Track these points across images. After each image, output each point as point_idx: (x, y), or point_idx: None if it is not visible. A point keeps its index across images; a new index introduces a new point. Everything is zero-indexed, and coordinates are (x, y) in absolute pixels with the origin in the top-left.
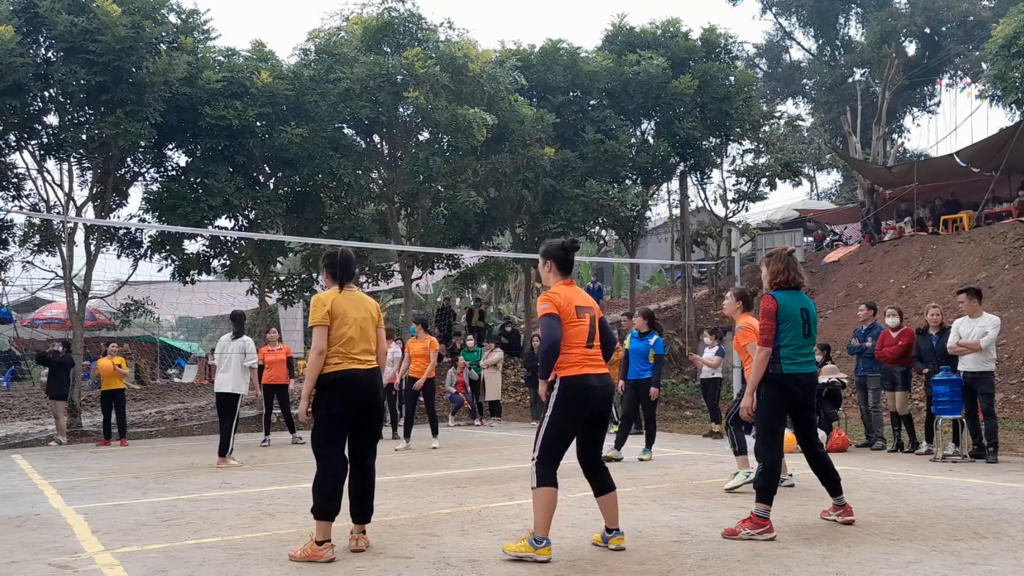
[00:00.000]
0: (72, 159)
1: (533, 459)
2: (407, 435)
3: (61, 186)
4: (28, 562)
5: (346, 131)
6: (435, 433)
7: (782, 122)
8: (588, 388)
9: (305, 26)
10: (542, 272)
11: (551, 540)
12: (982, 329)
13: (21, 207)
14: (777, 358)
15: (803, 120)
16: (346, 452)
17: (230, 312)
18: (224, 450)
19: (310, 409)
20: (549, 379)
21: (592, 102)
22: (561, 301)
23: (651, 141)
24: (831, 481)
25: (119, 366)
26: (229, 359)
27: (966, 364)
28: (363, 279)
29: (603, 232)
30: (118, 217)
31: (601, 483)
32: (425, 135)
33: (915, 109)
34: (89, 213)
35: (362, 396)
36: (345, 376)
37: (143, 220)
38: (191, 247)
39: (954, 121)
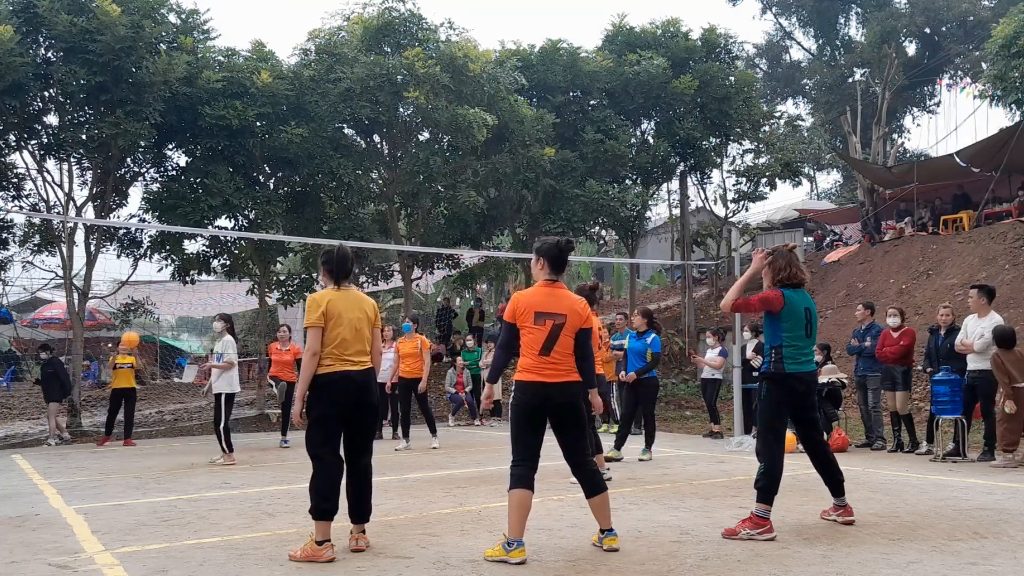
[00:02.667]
0: (72, 159)
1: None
2: (406, 435)
3: (61, 186)
4: (28, 562)
5: (346, 131)
6: (433, 432)
7: (782, 122)
8: (536, 391)
9: (305, 26)
10: (533, 268)
11: (524, 541)
12: (981, 331)
13: (21, 207)
14: (780, 357)
15: (803, 120)
16: (342, 452)
17: (218, 314)
18: (230, 447)
19: (304, 411)
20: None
21: (592, 102)
22: (519, 307)
23: (651, 141)
24: (835, 481)
25: (131, 365)
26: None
27: (970, 363)
28: (363, 279)
29: (603, 232)
30: (118, 217)
31: (591, 485)
32: (425, 135)
33: (915, 109)
34: (89, 213)
35: (355, 396)
36: (338, 378)
37: (143, 220)
38: (191, 247)
39: (954, 121)
